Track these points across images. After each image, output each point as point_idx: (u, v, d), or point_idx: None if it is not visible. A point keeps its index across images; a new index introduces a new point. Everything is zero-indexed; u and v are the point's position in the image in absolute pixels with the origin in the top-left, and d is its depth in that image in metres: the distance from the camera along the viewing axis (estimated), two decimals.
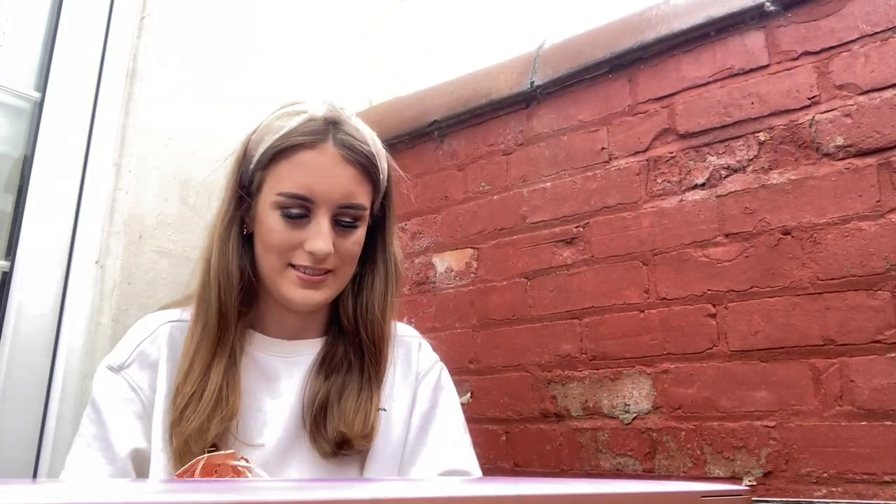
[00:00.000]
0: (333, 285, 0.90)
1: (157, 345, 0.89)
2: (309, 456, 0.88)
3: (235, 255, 0.90)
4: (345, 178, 0.87)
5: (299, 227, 0.87)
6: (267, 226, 0.87)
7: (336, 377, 0.92)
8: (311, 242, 0.86)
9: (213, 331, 0.87)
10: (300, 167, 0.86)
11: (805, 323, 1.14)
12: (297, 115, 0.88)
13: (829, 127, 1.16)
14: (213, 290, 0.88)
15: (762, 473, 1.15)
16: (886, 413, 1.05)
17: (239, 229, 0.91)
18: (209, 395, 0.83)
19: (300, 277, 0.87)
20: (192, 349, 0.87)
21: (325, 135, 0.87)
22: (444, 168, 1.70)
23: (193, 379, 0.84)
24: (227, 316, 0.88)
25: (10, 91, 1.44)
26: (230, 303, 0.88)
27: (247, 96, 1.67)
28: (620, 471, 1.30)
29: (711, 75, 1.30)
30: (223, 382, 0.85)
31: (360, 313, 0.93)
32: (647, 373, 1.29)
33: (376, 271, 0.95)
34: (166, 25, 1.60)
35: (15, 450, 1.34)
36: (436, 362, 1.03)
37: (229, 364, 0.87)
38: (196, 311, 0.90)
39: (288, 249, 0.87)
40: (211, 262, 0.90)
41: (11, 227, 1.41)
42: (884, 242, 1.09)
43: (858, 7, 1.16)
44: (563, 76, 1.49)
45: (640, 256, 1.34)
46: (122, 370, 0.87)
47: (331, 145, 0.87)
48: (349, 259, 0.90)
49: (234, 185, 0.92)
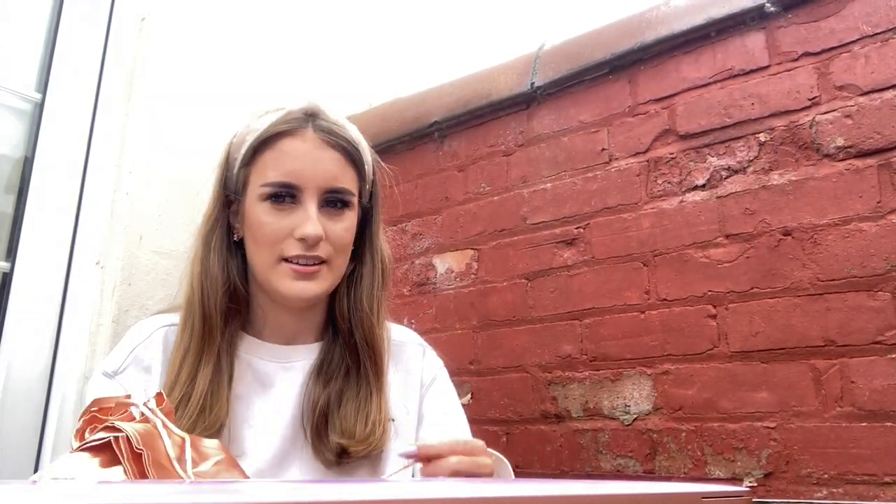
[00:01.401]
0: (328, 277, 0.89)
1: (152, 349, 0.89)
2: (311, 465, 0.87)
3: (219, 260, 0.89)
4: (328, 162, 0.88)
5: (287, 216, 0.86)
6: (256, 220, 0.87)
7: (335, 383, 0.90)
8: (301, 228, 0.85)
9: (198, 337, 0.86)
10: (283, 155, 0.87)
11: (805, 324, 1.14)
12: (276, 112, 0.90)
13: (830, 128, 1.16)
14: (196, 295, 0.88)
15: (763, 474, 1.14)
16: (887, 414, 1.05)
17: (224, 233, 0.91)
18: (195, 403, 0.83)
19: (294, 270, 0.86)
20: (179, 356, 0.86)
21: (304, 122, 0.89)
22: (444, 169, 1.70)
23: (180, 386, 0.84)
24: (212, 321, 0.87)
25: (12, 92, 1.44)
26: (214, 308, 0.87)
27: (247, 97, 1.67)
28: (621, 472, 1.29)
29: (712, 76, 1.30)
30: (209, 390, 0.84)
31: (353, 310, 0.93)
32: (647, 374, 1.29)
33: (364, 266, 0.95)
34: (167, 27, 1.60)
35: (15, 450, 1.34)
36: (440, 368, 1.02)
37: (216, 371, 0.86)
38: (182, 317, 0.89)
39: (278, 241, 0.86)
40: (193, 268, 0.90)
41: (12, 228, 1.41)
42: (884, 243, 1.09)
43: (859, 8, 1.16)
44: (563, 77, 1.49)
45: (641, 257, 1.34)
46: (116, 376, 0.87)
47: (311, 131, 0.88)
48: (341, 247, 0.89)
49: (219, 188, 0.92)
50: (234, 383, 0.88)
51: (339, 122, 0.91)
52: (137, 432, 0.58)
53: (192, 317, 0.88)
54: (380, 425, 0.89)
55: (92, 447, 0.59)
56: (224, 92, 1.66)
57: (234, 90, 1.68)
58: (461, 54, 1.96)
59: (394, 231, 1.75)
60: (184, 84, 1.61)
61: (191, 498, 0.33)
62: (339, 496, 0.35)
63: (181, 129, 1.59)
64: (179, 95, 1.60)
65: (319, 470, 0.87)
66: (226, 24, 1.71)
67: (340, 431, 0.87)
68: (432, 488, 0.45)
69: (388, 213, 1.62)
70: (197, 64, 1.64)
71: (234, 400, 0.87)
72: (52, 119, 1.46)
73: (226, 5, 1.72)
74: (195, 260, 0.91)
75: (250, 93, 1.69)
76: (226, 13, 1.71)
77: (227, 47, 1.70)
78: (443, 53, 2.05)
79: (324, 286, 0.89)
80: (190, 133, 1.60)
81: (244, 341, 0.92)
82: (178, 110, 1.60)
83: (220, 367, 0.87)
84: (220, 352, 0.88)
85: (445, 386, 1.01)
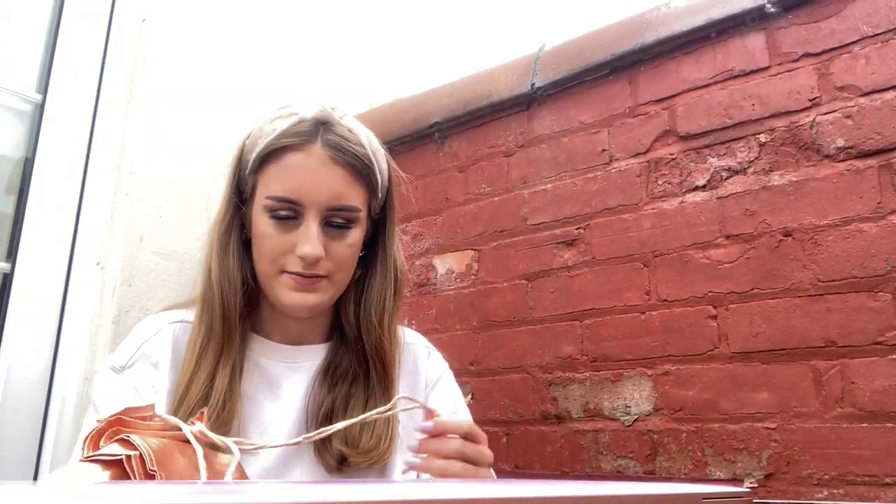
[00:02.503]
0: (329, 290, 0.88)
1: (161, 345, 0.89)
2: (314, 469, 0.87)
3: (236, 261, 0.89)
4: (333, 180, 0.86)
5: (290, 231, 0.85)
6: (259, 230, 0.87)
7: (341, 387, 0.90)
8: (300, 246, 0.84)
9: (218, 337, 0.86)
10: (287, 170, 0.85)
11: (806, 324, 1.14)
12: (288, 118, 0.87)
13: (830, 128, 1.16)
14: (215, 296, 0.88)
15: (763, 475, 1.14)
16: (888, 415, 1.05)
17: (239, 234, 0.91)
18: (214, 402, 0.82)
19: (294, 280, 0.86)
20: (195, 355, 0.86)
21: (313, 136, 0.86)
22: (444, 170, 1.70)
23: (199, 385, 0.83)
24: (231, 321, 0.87)
25: (12, 93, 1.44)
26: (233, 308, 0.87)
27: (247, 99, 1.67)
28: (621, 473, 1.29)
29: (712, 77, 1.30)
30: (227, 388, 0.84)
31: (361, 319, 0.91)
32: (647, 374, 1.29)
33: (376, 275, 0.93)
34: (167, 28, 1.60)
35: (16, 451, 1.34)
36: (446, 369, 1.02)
37: (233, 370, 0.86)
38: (199, 317, 0.89)
39: (279, 255, 0.86)
40: (211, 268, 0.89)
41: (12, 229, 1.41)
42: (885, 244, 1.09)
43: (859, 8, 1.16)
44: (563, 78, 1.49)
45: (641, 258, 1.34)
46: (124, 370, 0.87)
47: (318, 146, 0.86)
48: (343, 264, 0.88)
49: (231, 190, 0.91)
50: (243, 383, 0.88)
51: (352, 131, 0.89)
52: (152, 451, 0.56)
53: (210, 317, 0.87)
54: (386, 439, 0.87)
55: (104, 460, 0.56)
56: (225, 93, 1.66)
57: (235, 91, 1.68)
58: (461, 55, 1.96)
59: None
60: (184, 85, 1.61)
61: (193, 498, 0.33)
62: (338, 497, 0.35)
63: (182, 129, 1.59)
64: (180, 96, 1.60)
65: (321, 474, 0.87)
66: (227, 25, 1.71)
67: (344, 438, 0.86)
68: (433, 489, 0.45)
69: None
70: (198, 65, 1.64)
71: (244, 399, 0.87)
72: (52, 120, 1.46)
73: (227, 6, 1.72)
74: (212, 259, 0.90)
75: (251, 94, 1.69)
76: (227, 14, 1.71)
77: (228, 48, 1.70)
78: (443, 54, 2.05)
79: (324, 298, 0.88)
80: (190, 134, 1.60)
81: (254, 341, 0.92)
82: (179, 111, 1.60)
83: (236, 364, 0.87)
84: (238, 351, 0.88)
85: (451, 385, 1.01)
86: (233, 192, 0.91)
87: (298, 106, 0.89)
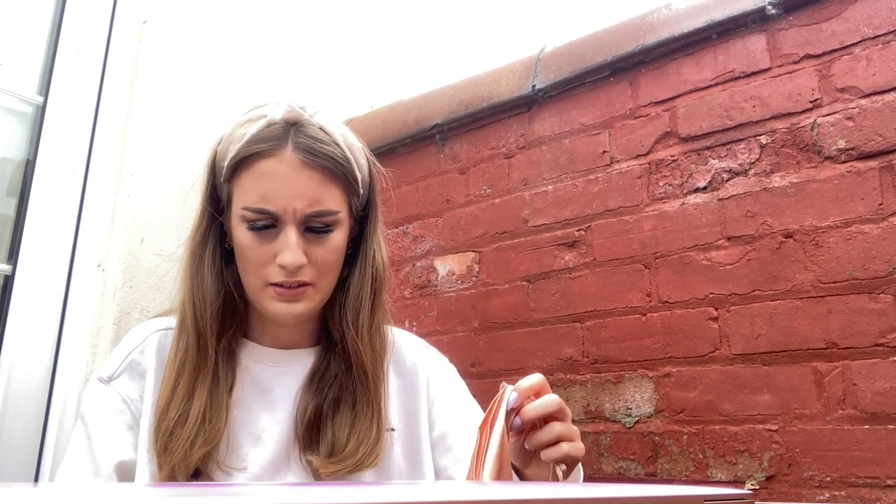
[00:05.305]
0: (315, 296, 0.87)
1: (147, 354, 0.88)
2: (303, 475, 0.86)
3: (211, 272, 0.87)
4: (307, 185, 0.83)
5: (269, 241, 0.83)
6: (239, 242, 0.85)
7: (329, 391, 0.88)
8: (280, 256, 0.82)
9: (193, 354, 0.84)
10: (260, 178, 0.82)
11: (807, 326, 1.14)
12: (257, 121, 0.84)
13: (831, 130, 1.16)
14: (188, 312, 0.86)
15: (765, 477, 1.14)
16: (889, 417, 1.05)
17: (216, 243, 0.89)
18: (193, 419, 0.81)
19: (278, 293, 0.84)
20: (174, 371, 0.84)
21: (283, 139, 0.83)
22: (445, 171, 1.70)
23: (178, 403, 0.82)
24: (205, 338, 0.85)
25: (14, 95, 1.45)
26: (207, 323, 0.85)
27: (248, 100, 1.67)
28: (622, 475, 1.29)
29: (713, 78, 1.30)
30: (207, 404, 0.82)
31: (345, 320, 0.89)
32: (649, 376, 1.29)
33: (355, 274, 0.91)
34: (168, 30, 1.61)
35: (16, 453, 1.34)
36: (446, 364, 1.01)
37: (213, 383, 0.84)
38: (177, 330, 0.87)
39: (261, 265, 0.84)
40: (184, 282, 0.87)
41: (14, 231, 1.41)
42: (886, 245, 1.08)
43: (860, 10, 1.16)
44: (564, 79, 1.49)
45: (642, 259, 1.33)
46: (111, 381, 0.86)
47: (290, 151, 0.82)
48: (326, 269, 0.86)
49: (206, 199, 0.89)
50: (234, 390, 0.87)
51: (324, 129, 0.86)
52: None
53: (185, 333, 0.86)
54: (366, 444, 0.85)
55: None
56: (225, 95, 1.67)
57: (236, 93, 1.68)
58: (462, 57, 1.96)
59: (395, 234, 1.75)
60: (185, 87, 1.61)
61: (191, 500, 0.33)
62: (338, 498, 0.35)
63: (182, 131, 1.59)
64: (181, 98, 1.60)
65: (311, 480, 0.85)
66: (227, 28, 1.71)
67: (330, 444, 0.85)
68: (433, 490, 0.45)
69: (389, 215, 1.62)
70: (198, 67, 1.64)
71: (234, 406, 0.86)
72: (53, 122, 1.46)
73: (227, 9, 1.72)
74: (185, 273, 0.88)
75: (252, 96, 1.69)
76: (227, 17, 1.72)
77: (228, 51, 1.70)
78: (444, 56, 2.05)
79: (310, 306, 0.87)
80: (191, 136, 1.60)
81: (245, 347, 0.91)
82: (180, 113, 1.60)
83: (217, 377, 0.85)
84: (218, 362, 0.86)
85: (457, 381, 1.00)
86: (207, 202, 0.89)
87: (267, 107, 0.86)
